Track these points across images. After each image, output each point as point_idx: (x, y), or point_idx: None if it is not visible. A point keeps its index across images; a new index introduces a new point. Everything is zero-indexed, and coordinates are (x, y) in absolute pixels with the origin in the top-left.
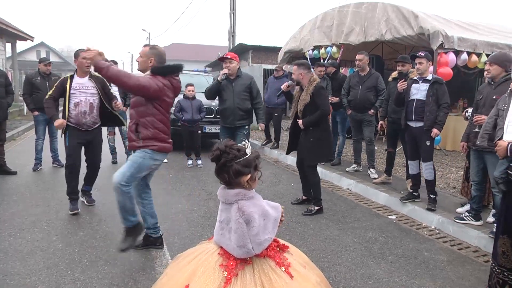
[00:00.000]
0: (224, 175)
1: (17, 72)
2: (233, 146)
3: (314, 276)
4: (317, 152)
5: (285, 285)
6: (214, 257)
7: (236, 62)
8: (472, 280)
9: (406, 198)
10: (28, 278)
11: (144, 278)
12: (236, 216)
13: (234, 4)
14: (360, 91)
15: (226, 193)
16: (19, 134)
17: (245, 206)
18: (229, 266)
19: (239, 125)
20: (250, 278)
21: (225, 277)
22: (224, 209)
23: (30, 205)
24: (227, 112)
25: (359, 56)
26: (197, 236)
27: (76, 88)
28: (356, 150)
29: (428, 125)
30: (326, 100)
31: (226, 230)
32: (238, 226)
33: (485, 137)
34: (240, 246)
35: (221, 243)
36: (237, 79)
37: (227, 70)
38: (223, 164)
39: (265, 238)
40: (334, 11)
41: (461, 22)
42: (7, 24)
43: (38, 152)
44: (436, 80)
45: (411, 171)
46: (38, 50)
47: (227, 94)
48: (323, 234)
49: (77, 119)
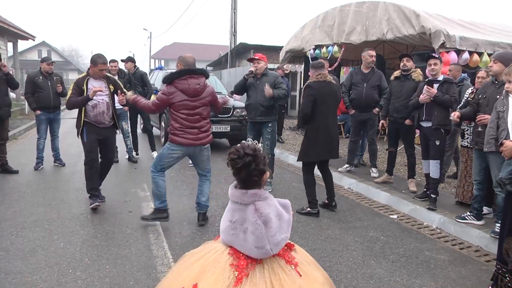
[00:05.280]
0: (254, 178)
1: (18, 71)
2: (256, 148)
3: (320, 275)
4: (301, 150)
5: (295, 284)
6: (224, 257)
7: (264, 62)
8: (473, 280)
9: (420, 197)
10: (29, 276)
11: (145, 277)
12: (254, 218)
13: (236, 3)
14: (365, 89)
15: (242, 194)
16: (20, 133)
17: (262, 207)
18: (240, 266)
19: (260, 120)
20: (260, 277)
21: (236, 276)
22: (237, 210)
23: (31, 204)
24: (250, 107)
25: (373, 52)
26: (198, 235)
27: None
28: (351, 150)
29: (436, 124)
30: (305, 99)
31: (239, 231)
32: (256, 227)
33: (491, 143)
34: (259, 247)
35: (233, 243)
36: (263, 77)
37: (254, 69)
38: (253, 168)
39: (282, 238)
40: (336, 11)
41: (462, 21)
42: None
43: (40, 151)
44: (446, 80)
45: (425, 170)
46: (39, 49)
47: (251, 91)
48: (324, 233)
49: (96, 119)
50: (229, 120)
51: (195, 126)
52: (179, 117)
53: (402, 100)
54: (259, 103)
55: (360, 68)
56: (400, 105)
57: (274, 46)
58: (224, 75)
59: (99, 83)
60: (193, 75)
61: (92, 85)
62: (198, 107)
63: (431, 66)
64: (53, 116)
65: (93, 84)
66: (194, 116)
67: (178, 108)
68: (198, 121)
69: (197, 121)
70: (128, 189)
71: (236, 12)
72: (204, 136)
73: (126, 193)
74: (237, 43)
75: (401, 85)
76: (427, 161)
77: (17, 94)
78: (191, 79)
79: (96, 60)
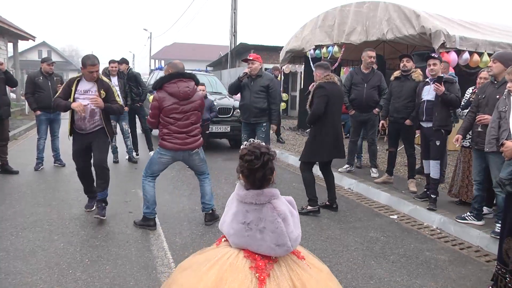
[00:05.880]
0: (268, 177)
1: (18, 71)
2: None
3: (323, 266)
4: (307, 150)
5: (311, 277)
6: (240, 261)
7: (259, 62)
8: (473, 280)
9: (420, 197)
10: (29, 277)
11: (145, 278)
12: (273, 216)
13: (236, 4)
14: (365, 89)
15: (257, 194)
16: (20, 133)
17: (278, 205)
18: (259, 267)
19: (254, 121)
20: (281, 276)
21: (258, 278)
22: (252, 210)
23: (31, 204)
24: (244, 108)
25: (373, 53)
26: (198, 235)
27: (80, 93)
28: (351, 151)
29: (437, 125)
30: (318, 99)
31: (255, 231)
32: (277, 225)
33: (493, 143)
34: (281, 245)
35: (248, 245)
36: (257, 78)
37: (248, 70)
38: (269, 166)
39: (298, 233)
40: (336, 11)
41: (463, 21)
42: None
43: (40, 152)
44: (446, 80)
45: (426, 171)
46: (39, 49)
47: (245, 92)
48: (324, 233)
49: (77, 124)
50: (229, 120)
51: (183, 131)
52: (168, 122)
53: (402, 100)
54: (252, 105)
55: (360, 68)
56: (400, 105)
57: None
58: (224, 75)
59: (89, 85)
60: (182, 78)
61: (81, 88)
62: (188, 111)
63: (431, 67)
64: (53, 116)
65: (83, 87)
66: (184, 121)
67: (169, 113)
68: (187, 126)
69: (186, 126)
70: (129, 190)
71: (236, 12)
72: (191, 141)
73: (127, 193)
74: (237, 43)
75: (401, 85)
76: (427, 161)
77: (17, 94)
78: (180, 82)
79: (85, 61)
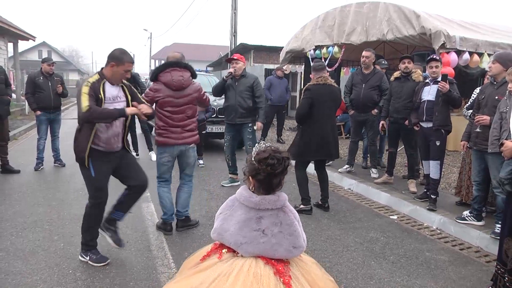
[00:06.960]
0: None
1: (19, 71)
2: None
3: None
4: (293, 148)
5: (319, 272)
6: (262, 269)
7: (242, 62)
8: (473, 281)
9: (420, 198)
10: (29, 277)
11: (146, 278)
12: (291, 219)
13: (236, 4)
14: (363, 89)
15: (274, 200)
16: (20, 133)
17: (291, 207)
18: (280, 272)
19: (240, 122)
20: (299, 275)
21: (283, 282)
22: (267, 216)
23: (31, 204)
24: (229, 109)
25: (367, 53)
26: (199, 236)
27: (109, 101)
28: (351, 151)
29: (437, 125)
30: (303, 101)
31: (271, 237)
32: (295, 228)
33: (495, 144)
34: (297, 247)
35: (264, 252)
36: (241, 78)
37: (233, 70)
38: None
39: (304, 233)
40: (336, 11)
41: (463, 22)
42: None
43: (40, 152)
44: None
45: (425, 171)
46: (40, 49)
47: (230, 93)
48: (324, 234)
49: (108, 143)
50: None
51: (179, 125)
52: (163, 115)
53: (403, 100)
54: (238, 105)
55: (361, 69)
56: (401, 105)
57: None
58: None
59: (115, 90)
60: (176, 67)
61: (110, 94)
62: (182, 105)
63: (433, 69)
64: (53, 116)
65: (111, 93)
66: (178, 114)
67: (163, 106)
68: (182, 120)
69: (182, 120)
70: None
71: (237, 13)
72: (188, 135)
73: None
74: (237, 43)
75: (401, 85)
76: (427, 162)
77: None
78: (174, 71)
79: (122, 57)
